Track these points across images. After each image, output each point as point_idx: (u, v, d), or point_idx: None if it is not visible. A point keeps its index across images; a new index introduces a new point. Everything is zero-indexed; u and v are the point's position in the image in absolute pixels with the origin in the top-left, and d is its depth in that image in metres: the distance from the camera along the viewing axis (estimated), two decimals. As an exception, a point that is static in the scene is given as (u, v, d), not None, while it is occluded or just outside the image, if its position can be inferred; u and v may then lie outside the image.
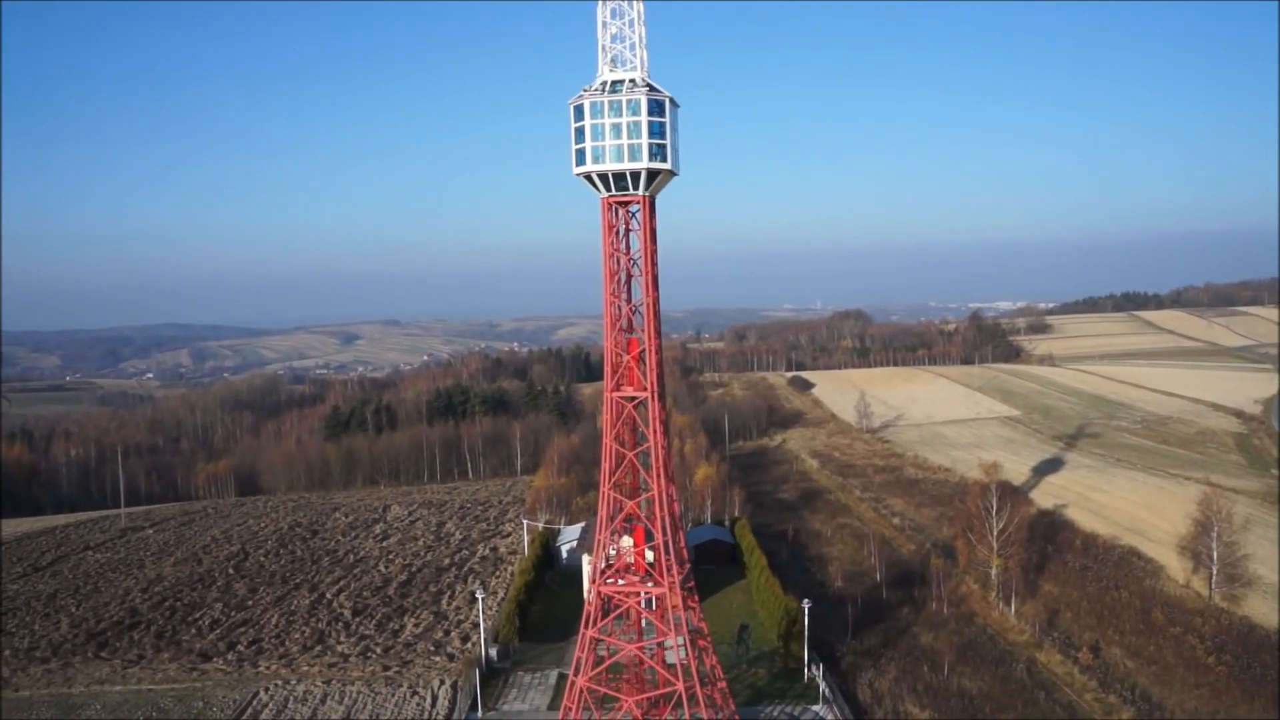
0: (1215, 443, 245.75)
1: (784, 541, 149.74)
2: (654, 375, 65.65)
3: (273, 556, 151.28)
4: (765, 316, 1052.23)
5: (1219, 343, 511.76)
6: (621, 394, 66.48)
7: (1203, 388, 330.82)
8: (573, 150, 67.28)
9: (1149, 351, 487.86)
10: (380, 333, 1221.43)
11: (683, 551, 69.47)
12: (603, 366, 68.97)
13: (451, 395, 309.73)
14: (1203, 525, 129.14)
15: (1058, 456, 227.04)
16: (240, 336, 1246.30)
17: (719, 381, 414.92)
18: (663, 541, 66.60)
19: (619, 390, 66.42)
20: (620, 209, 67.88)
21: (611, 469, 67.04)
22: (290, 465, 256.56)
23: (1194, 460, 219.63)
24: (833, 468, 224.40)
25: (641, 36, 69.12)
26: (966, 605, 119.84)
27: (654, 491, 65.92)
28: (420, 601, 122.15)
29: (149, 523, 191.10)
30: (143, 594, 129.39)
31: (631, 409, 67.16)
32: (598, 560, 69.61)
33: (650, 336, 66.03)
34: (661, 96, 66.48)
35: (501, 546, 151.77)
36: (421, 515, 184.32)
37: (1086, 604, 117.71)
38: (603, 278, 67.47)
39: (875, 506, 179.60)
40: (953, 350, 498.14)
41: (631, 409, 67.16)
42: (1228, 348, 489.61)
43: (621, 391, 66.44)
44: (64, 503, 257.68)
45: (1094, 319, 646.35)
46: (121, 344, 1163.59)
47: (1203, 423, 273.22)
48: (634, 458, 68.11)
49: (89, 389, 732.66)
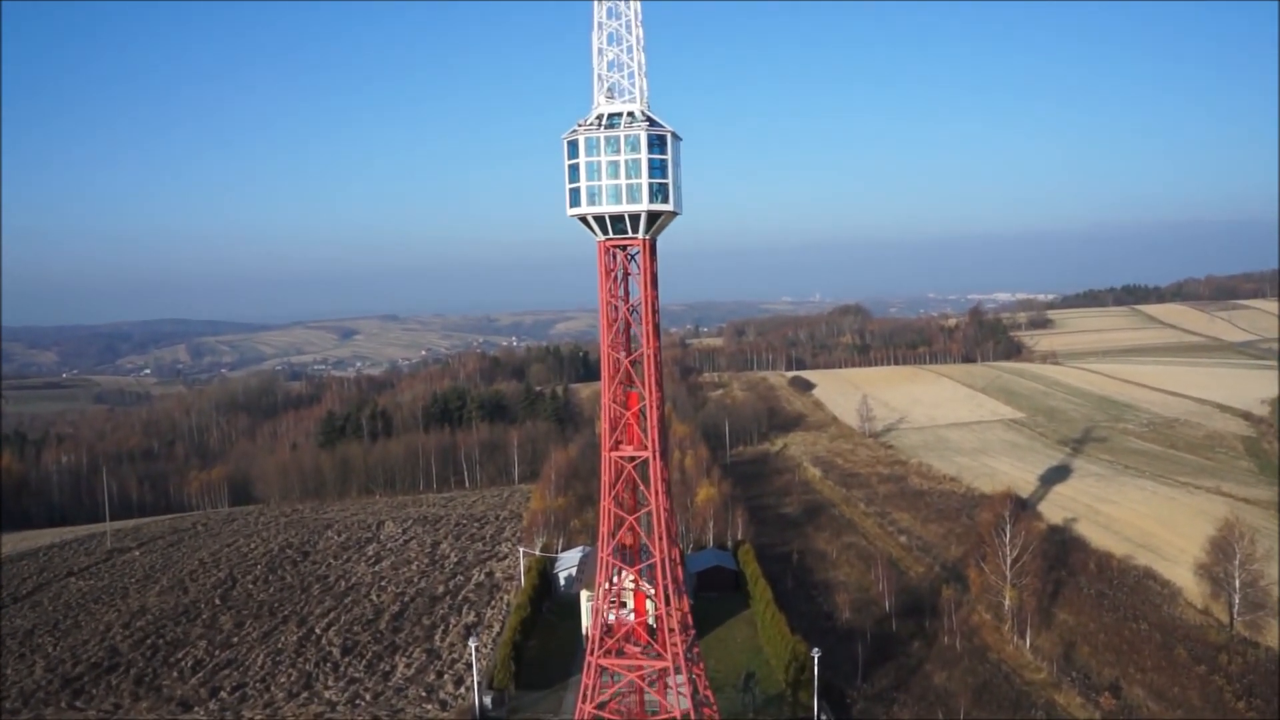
0: (1224, 447, 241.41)
1: (788, 565, 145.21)
2: (655, 433, 61.02)
3: (261, 584, 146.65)
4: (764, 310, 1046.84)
5: (1222, 338, 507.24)
6: (620, 453, 61.78)
7: (1208, 387, 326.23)
8: (567, 189, 62.37)
9: (1152, 347, 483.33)
10: (378, 328, 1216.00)
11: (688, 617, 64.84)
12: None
13: (448, 400, 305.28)
14: (1222, 549, 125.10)
15: (1065, 463, 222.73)
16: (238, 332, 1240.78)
17: (719, 382, 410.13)
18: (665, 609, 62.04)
19: (618, 449, 61.68)
20: (618, 252, 63.02)
21: (610, 531, 62.38)
22: (284, 474, 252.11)
23: (1203, 467, 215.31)
24: (836, 477, 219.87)
25: (641, 64, 64.14)
26: (979, 638, 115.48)
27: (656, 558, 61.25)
28: (413, 637, 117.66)
29: (136, 542, 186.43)
30: (124, 630, 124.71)
31: (631, 469, 62.49)
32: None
33: (651, 391, 61.30)
34: (663, 131, 61.50)
35: (498, 571, 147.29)
36: (416, 534, 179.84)
37: (1104, 636, 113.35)
38: (600, 326, 62.71)
39: (881, 522, 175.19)
40: (954, 347, 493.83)
41: (631, 469, 62.49)
42: (1231, 343, 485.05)
43: (620, 451, 61.74)
44: (55, 512, 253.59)
45: (1095, 313, 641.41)
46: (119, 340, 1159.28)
47: (1210, 425, 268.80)
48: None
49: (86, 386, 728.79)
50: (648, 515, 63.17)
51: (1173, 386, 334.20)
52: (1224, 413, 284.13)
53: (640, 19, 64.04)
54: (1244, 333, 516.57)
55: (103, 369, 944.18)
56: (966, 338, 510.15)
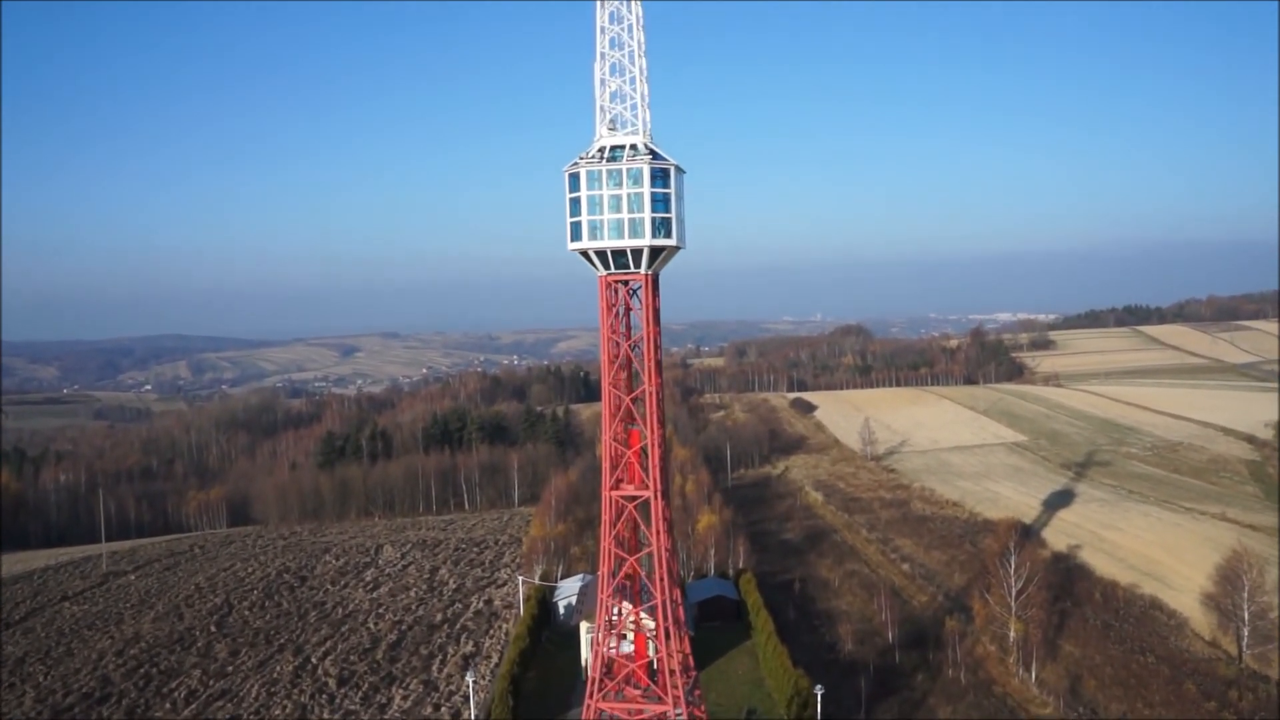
0: (1228, 471, 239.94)
1: (790, 594, 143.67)
2: (657, 472, 59.78)
3: (258, 610, 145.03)
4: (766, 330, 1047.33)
5: (1223, 359, 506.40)
6: (621, 492, 60.55)
7: (1211, 409, 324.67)
8: (568, 223, 61.36)
9: (1154, 369, 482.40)
10: (379, 345, 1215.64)
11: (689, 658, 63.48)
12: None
13: (448, 421, 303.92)
14: (1230, 579, 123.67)
15: (1068, 488, 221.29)
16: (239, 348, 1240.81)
17: (720, 403, 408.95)
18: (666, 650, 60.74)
19: (619, 489, 60.45)
20: (620, 287, 61.91)
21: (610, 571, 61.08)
22: (283, 495, 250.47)
23: (1208, 492, 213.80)
24: (838, 501, 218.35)
25: (644, 95, 63.33)
26: (985, 670, 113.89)
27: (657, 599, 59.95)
28: (410, 668, 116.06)
29: (132, 565, 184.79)
30: (117, 658, 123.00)
31: (632, 509, 61.25)
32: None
33: (653, 429, 60.12)
34: (666, 164, 60.52)
35: (496, 599, 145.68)
36: (414, 558, 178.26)
37: (1111, 669, 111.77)
38: (601, 362, 61.60)
39: (883, 549, 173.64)
40: (955, 368, 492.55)
41: (632, 509, 61.25)
42: (1233, 364, 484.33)
43: (621, 490, 60.52)
44: (52, 532, 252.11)
45: (1097, 334, 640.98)
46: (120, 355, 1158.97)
47: (1214, 449, 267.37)
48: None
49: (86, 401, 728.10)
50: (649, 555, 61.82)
51: (1175, 409, 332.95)
52: (1227, 436, 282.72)
53: (644, 50, 63.36)
54: (1246, 354, 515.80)
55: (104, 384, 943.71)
56: (968, 359, 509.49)
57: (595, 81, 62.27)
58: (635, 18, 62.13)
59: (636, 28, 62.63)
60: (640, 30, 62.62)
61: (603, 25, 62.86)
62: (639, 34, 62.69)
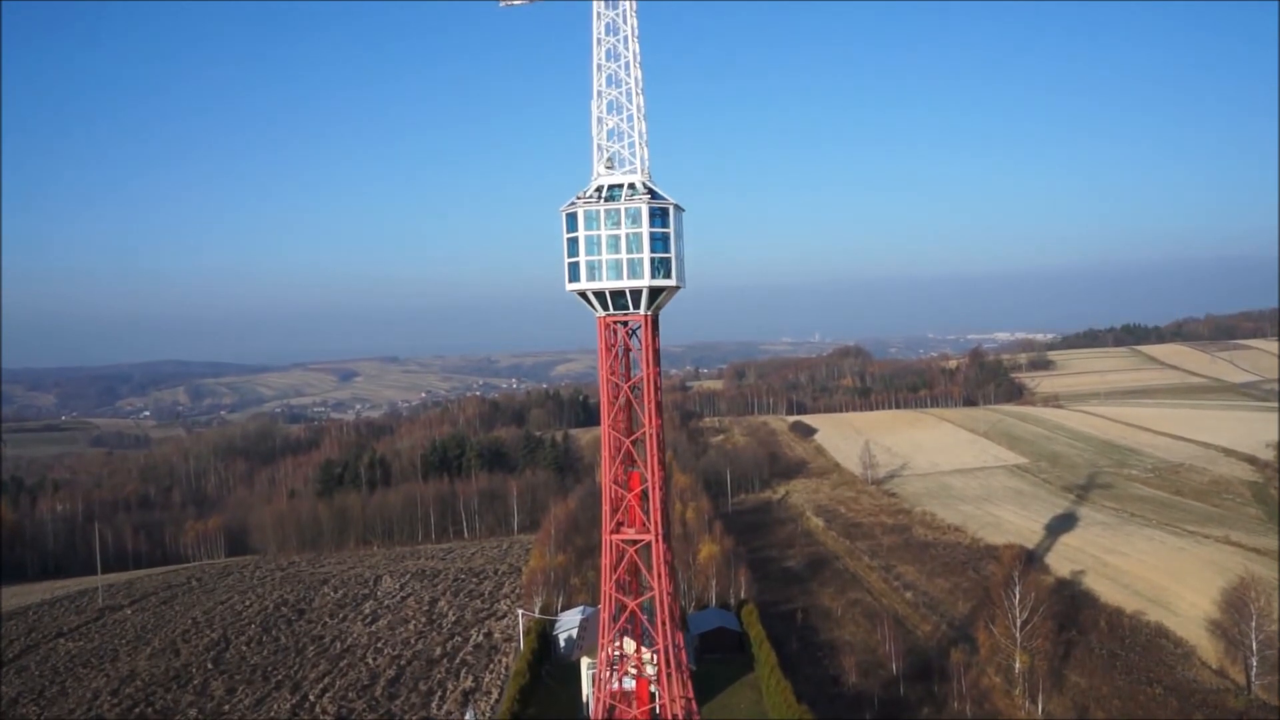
0: (1230, 493, 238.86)
1: (793, 625, 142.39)
2: (658, 515, 58.87)
3: (255, 646, 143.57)
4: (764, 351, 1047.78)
5: (1223, 378, 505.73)
6: (622, 536, 59.67)
7: (1212, 430, 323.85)
8: (565, 263, 60.66)
9: (1154, 389, 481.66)
10: (378, 370, 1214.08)
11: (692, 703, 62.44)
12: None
13: (447, 448, 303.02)
14: (1237, 608, 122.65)
15: (1070, 511, 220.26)
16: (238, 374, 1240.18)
17: (720, 427, 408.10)
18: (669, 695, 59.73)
19: (619, 533, 59.57)
20: (619, 327, 61.17)
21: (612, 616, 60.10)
22: (281, 524, 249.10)
23: (1210, 515, 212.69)
24: (839, 527, 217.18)
25: (642, 133, 62.91)
26: (990, 703, 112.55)
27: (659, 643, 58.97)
28: (409, 704, 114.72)
29: (129, 599, 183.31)
30: (112, 697, 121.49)
31: (634, 553, 60.34)
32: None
33: (654, 471, 59.25)
34: (665, 204, 59.91)
35: (496, 631, 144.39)
36: (414, 590, 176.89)
37: (1119, 701, 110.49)
38: (600, 404, 60.79)
39: (886, 576, 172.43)
40: (955, 389, 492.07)
41: (634, 553, 60.34)
42: (1233, 384, 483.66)
43: (622, 534, 59.64)
44: (49, 562, 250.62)
45: (1096, 354, 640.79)
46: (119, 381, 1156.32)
47: (1215, 470, 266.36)
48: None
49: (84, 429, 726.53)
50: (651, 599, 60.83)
51: (1176, 430, 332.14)
52: (1229, 457, 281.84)
53: (641, 87, 62.87)
54: (1245, 373, 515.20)
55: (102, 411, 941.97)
56: (967, 379, 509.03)
57: (592, 119, 61.72)
58: (632, 55, 61.70)
59: (634, 64, 62.19)
60: (637, 67, 62.15)
61: (599, 62, 62.41)
62: (636, 71, 62.24)
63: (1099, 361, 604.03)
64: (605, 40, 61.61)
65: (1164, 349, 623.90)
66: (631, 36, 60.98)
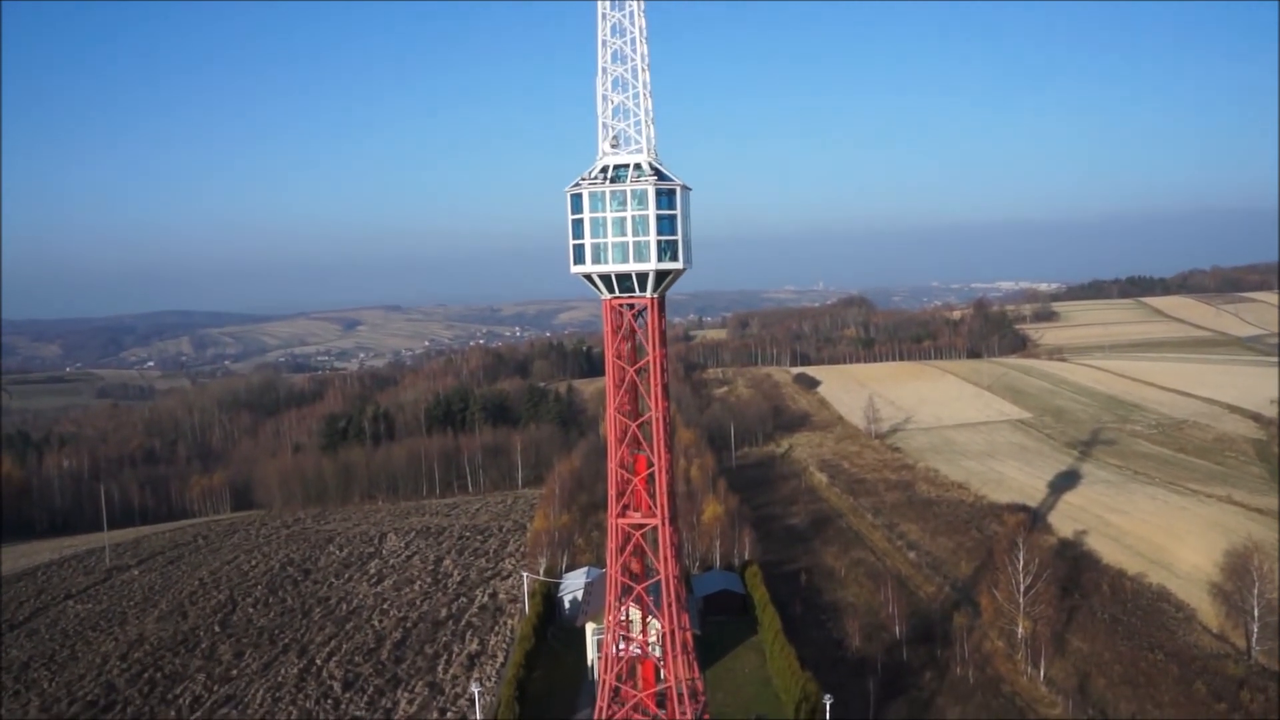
0: (1234, 450, 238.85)
1: (796, 586, 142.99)
2: (664, 498, 58.55)
3: (261, 608, 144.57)
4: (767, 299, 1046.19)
5: (1228, 332, 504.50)
6: (628, 520, 59.43)
7: (1217, 385, 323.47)
8: (570, 245, 59.75)
9: (1158, 342, 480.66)
10: (382, 318, 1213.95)
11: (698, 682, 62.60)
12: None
13: (451, 402, 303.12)
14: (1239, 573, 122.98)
15: (1073, 468, 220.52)
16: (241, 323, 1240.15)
17: (723, 378, 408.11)
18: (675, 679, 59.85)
19: (625, 516, 59.33)
20: (625, 310, 60.39)
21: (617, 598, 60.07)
22: (286, 480, 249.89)
23: (1214, 473, 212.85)
24: (842, 483, 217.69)
25: (648, 111, 61.56)
26: (992, 668, 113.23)
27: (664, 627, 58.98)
28: (415, 669, 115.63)
29: (136, 559, 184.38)
30: (121, 662, 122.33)
31: (639, 536, 60.16)
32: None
33: (660, 454, 58.83)
34: (672, 185, 58.82)
35: (501, 591, 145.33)
36: (418, 548, 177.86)
37: (1120, 667, 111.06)
38: (606, 388, 60.25)
39: (889, 535, 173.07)
40: (959, 341, 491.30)
41: (639, 536, 60.16)
42: (1238, 337, 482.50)
43: (628, 518, 59.39)
44: (56, 519, 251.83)
45: (1101, 306, 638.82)
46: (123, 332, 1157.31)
47: (1220, 427, 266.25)
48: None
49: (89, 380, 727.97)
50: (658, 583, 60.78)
51: (1180, 385, 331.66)
52: (1233, 413, 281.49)
53: (648, 63, 61.45)
54: (1250, 326, 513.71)
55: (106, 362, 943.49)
56: (972, 331, 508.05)
57: (597, 97, 60.43)
58: (639, 30, 60.22)
59: (640, 41, 60.72)
60: (644, 44, 60.66)
61: (604, 38, 60.97)
62: (642, 47, 60.75)
63: (1103, 313, 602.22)
64: (610, 15, 60.17)
65: (1169, 301, 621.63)
66: (638, 12, 59.55)
